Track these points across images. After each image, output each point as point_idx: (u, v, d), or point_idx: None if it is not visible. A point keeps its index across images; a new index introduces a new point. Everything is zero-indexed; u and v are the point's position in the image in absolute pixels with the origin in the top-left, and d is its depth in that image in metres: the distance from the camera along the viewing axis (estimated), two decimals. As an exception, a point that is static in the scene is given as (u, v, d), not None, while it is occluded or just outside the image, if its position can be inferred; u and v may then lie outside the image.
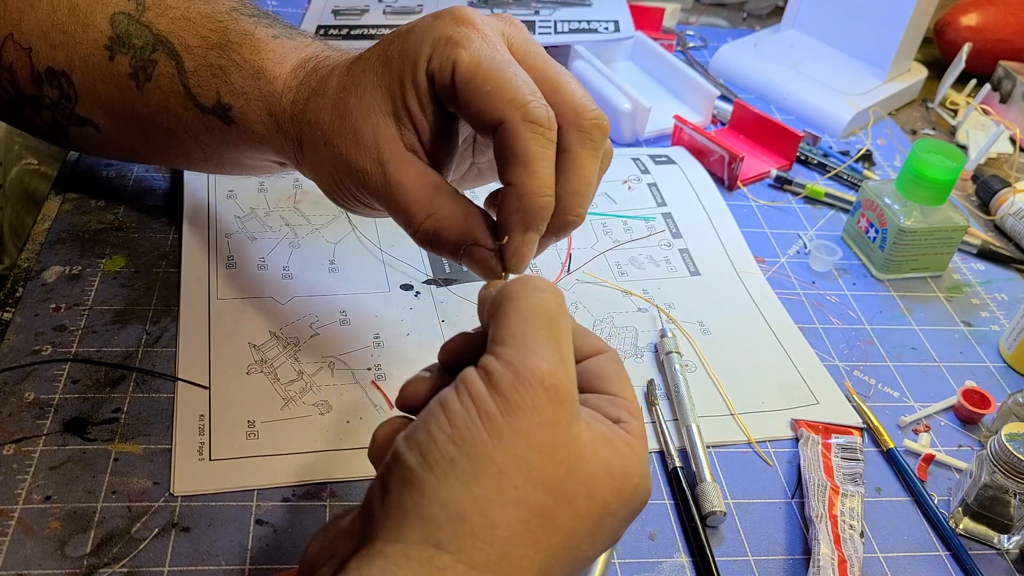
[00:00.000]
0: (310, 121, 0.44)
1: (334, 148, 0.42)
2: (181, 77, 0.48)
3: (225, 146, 0.50)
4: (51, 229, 0.59)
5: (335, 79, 0.43)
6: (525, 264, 0.40)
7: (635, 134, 0.77)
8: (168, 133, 0.51)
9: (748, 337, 0.60)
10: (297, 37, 0.49)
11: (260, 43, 0.47)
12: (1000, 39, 0.92)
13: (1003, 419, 0.55)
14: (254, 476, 0.46)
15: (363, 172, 0.41)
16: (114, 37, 0.50)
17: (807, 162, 0.80)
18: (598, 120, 0.40)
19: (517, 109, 0.37)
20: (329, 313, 0.56)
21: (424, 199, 0.40)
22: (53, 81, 0.51)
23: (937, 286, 0.69)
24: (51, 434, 0.47)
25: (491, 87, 0.38)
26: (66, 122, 0.54)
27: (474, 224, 0.40)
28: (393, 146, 0.41)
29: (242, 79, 0.47)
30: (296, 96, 0.45)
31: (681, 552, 0.47)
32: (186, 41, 0.48)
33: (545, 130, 0.38)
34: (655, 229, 0.68)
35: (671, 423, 0.53)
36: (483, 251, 0.40)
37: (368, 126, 0.41)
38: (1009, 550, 0.50)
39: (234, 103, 0.47)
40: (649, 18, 0.92)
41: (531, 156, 0.37)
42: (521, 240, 0.39)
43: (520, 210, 0.38)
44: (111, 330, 0.53)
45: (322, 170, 0.44)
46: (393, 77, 0.41)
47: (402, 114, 0.41)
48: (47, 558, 0.42)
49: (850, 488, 0.50)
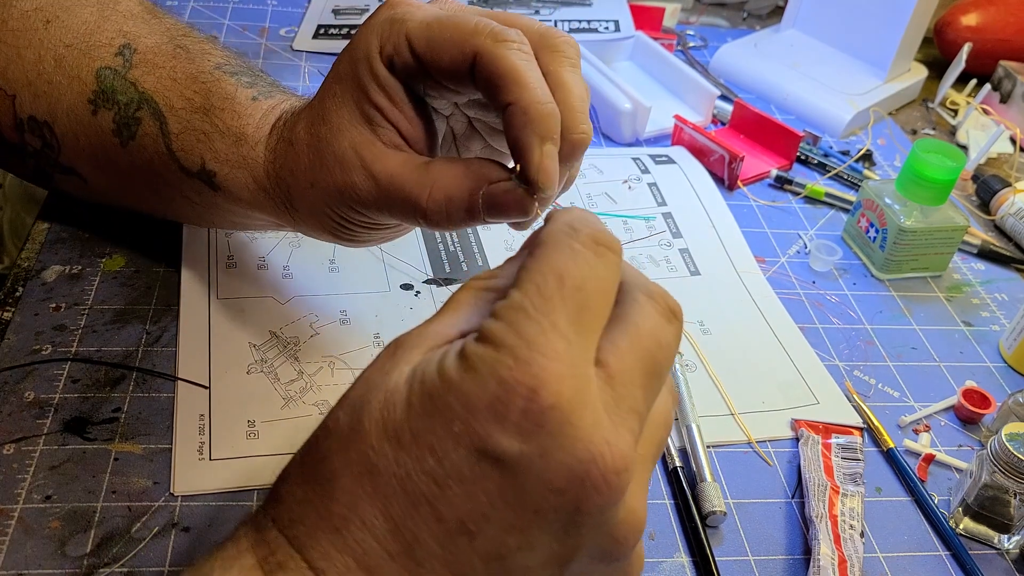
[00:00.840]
0: (291, 170, 0.44)
1: (321, 183, 0.42)
2: (164, 139, 0.48)
3: (215, 208, 0.50)
4: (51, 229, 0.59)
5: (302, 121, 0.43)
6: (554, 181, 0.37)
7: (635, 134, 0.77)
8: (154, 190, 0.51)
9: (748, 337, 0.60)
10: (276, 94, 0.48)
11: (240, 107, 0.47)
12: (1000, 39, 0.92)
13: (1003, 419, 0.55)
14: (254, 476, 0.46)
15: (353, 188, 0.41)
16: (98, 91, 0.49)
17: (807, 162, 0.80)
18: (565, 38, 0.39)
19: (485, 36, 0.37)
20: (329, 313, 0.56)
21: (419, 178, 0.40)
22: (35, 130, 0.51)
23: (937, 286, 0.69)
24: (51, 434, 0.47)
25: (450, 32, 0.38)
26: (50, 170, 0.53)
27: (479, 168, 0.39)
28: (374, 148, 0.40)
29: (225, 146, 0.46)
30: (275, 156, 0.45)
31: (681, 552, 0.47)
32: (171, 102, 0.48)
33: (521, 44, 0.37)
34: (655, 229, 0.68)
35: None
36: (503, 185, 0.38)
37: (344, 143, 0.41)
38: (1009, 550, 0.50)
39: (219, 170, 0.47)
40: (649, 18, 0.92)
41: (519, 68, 0.36)
42: (541, 153, 0.36)
43: (529, 122, 0.36)
44: (111, 330, 0.53)
45: (318, 213, 0.44)
46: (352, 86, 0.40)
47: (372, 114, 0.40)
48: (47, 558, 0.42)
49: (850, 488, 0.50)
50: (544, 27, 0.39)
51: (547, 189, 0.37)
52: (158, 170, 0.49)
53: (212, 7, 0.88)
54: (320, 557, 0.29)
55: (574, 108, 0.38)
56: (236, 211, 0.49)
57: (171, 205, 0.53)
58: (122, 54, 0.49)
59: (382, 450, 0.28)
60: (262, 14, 0.89)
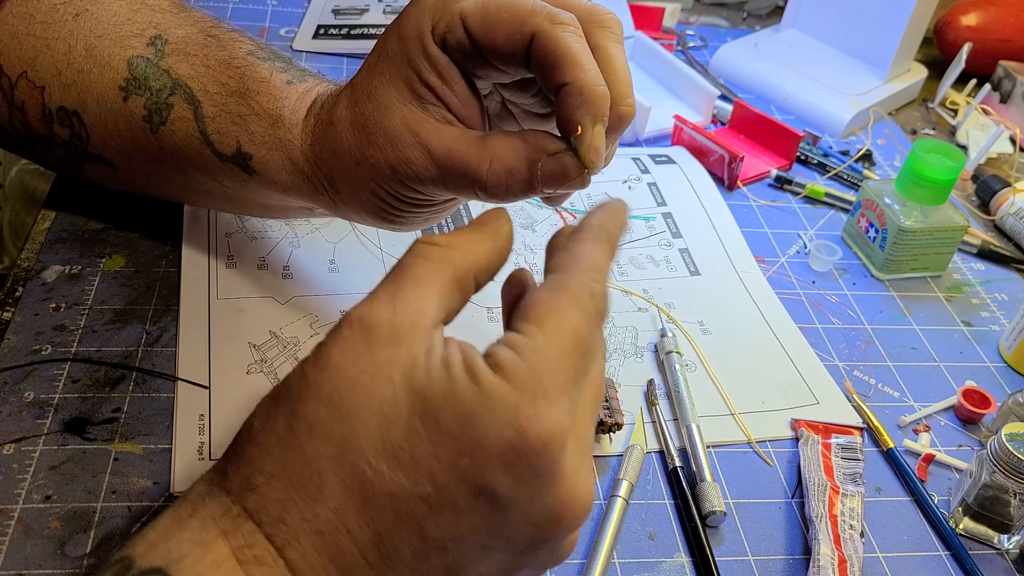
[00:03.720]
0: (333, 151, 0.44)
1: (369, 160, 0.42)
2: (198, 123, 0.48)
3: (247, 193, 0.50)
4: (51, 229, 0.59)
5: (343, 102, 0.44)
6: (601, 158, 0.39)
7: (635, 134, 0.77)
8: (184, 174, 0.51)
9: (748, 337, 0.60)
10: (308, 79, 0.49)
11: (276, 90, 0.47)
12: (1000, 39, 0.92)
13: (1003, 419, 0.55)
14: (254, 476, 0.46)
15: (408, 163, 0.41)
16: (130, 79, 0.49)
17: (807, 162, 0.80)
18: (612, 15, 0.41)
19: (543, 18, 0.38)
20: (329, 313, 0.56)
21: (478, 151, 0.40)
22: (64, 120, 0.51)
23: (937, 286, 0.69)
24: (51, 434, 0.47)
25: (507, 12, 0.38)
26: (79, 159, 0.54)
27: (536, 140, 0.40)
28: (428, 125, 0.41)
29: (262, 129, 0.47)
30: (313, 139, 0.45)
31: (681, 552, 0.47)
32: (205, 86, 0.48)
33: (575, 27, 0.39)
34: (655, 229, 0.68)
35: (671, 423, 0.53)
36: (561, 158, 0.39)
37: (395, 121, 0.41)
38: (1009, 550, 0.50)
39: (255, 153, 0.47)
40: (649, 18, 0.92)
41: (576, 51, 0.38)
42: (592, 132, 0.38)
43: (584, 103, 0.37)
44: (111, 330, 0.53)
45: (364, 192, 0.44)
46: (402, 64, 0.41)
47: (424, 93, 0.41)
48: (47, 558, 0.42)
49: (850, 488, 0.50)
50: (591, 4, 0.41)
51: (596, 165, 0.39)
52: (190, 155, 0.49)
53: (212, 7, 0.88)
54: (299, 557, 0.30)
55: (622, 82, 0.39)
56: (269, 195, 0.50)
57: (200, 191, 0.53)
58: (154, 44, 0.49)
59: (378, 467, 0.29)
60: (262, 14, 0.89)
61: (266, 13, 0.89)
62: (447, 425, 0.29)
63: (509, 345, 0.30)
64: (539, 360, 0.30)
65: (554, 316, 0.31)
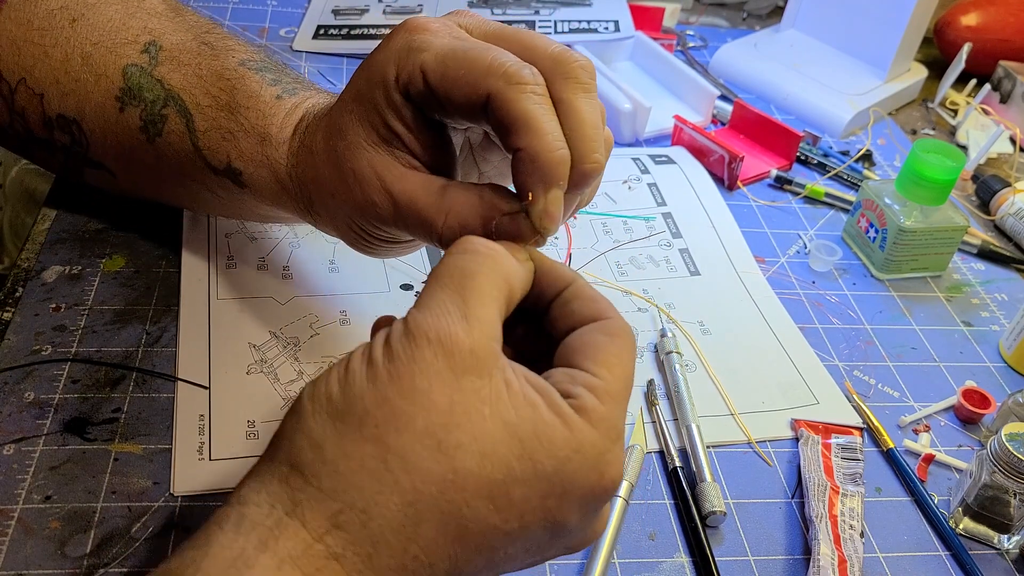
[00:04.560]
0: (313, 178, 0.44)
1: (341, 197, 0.42)
2: (191, 136, 0.48)
3: (242, 203, 0.50)
4: (51, 229, 0.59)
5: (321, 131, 0.43)
6: (557, 224, 0.38)
7: (635, 134, 0.77)
8: (182, 184, 0.51)
9: (748, 337, 0.60)
10: (299, 91, 0.48)
11: (265, 106, 0.47)
12: (1000, 39, 0.92)
13: (1003, 419, 0.55)
14: (254, 476, 0.46)
15: (373, 206, 0.41)
16: (125, 89, 0.49)
17: (807, 162, 0.80)
18: (580, 63, 0.38)
19: (498, 77, 0.36)
20: (329, 313, 0.56)
21: (436, 202, 0.40)
22: (64, 127, 0.51)
23: (937, 286, 0.69)
24: (51, 434, 0.47)
25: (464, 70, 0.37)
26: (80, 165, 0.54)
27: (493, 198, 0.39)
28: (393, 171, 0.40)
29: (250, 146, 0.47)
30: (296, 161, 0.45)
31: (681, 552, 0.47)
32: (196, 99, 0.48)
33: (534, 86, 0.36)
34: (655, 229, 0.68)
35: (671, 423, 0.53)
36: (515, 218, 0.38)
37: (363, 163, 0.41)
38: (1009, 550, 0.50)
39: (244, 169, 0.47)
40: (649, 18, 0.92)
41: (530, 114, 0.36)
42: (545, 200, 0.37)
43: (536, 170, 0.36)
44: (111, 330, 0.53)
45: (338, 221, 0.44)
46: (368, 108, 0.40)
47: (390, 138, 0.40)
48: (47, 558, 0.42)
49: (850, 488, 0.50)
50: (559, 51, 0.39)
51: (549, 231, 0.38)
52: (185, 166, 0.49)
53: (212, 7, 0.88)
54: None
55: (586, 137, 0.37)
56: (261, 207, 0.50)
57: (199, 199, 0.53)
58: (148, 51, 0.49)
59: (476, 507, 0.30)
60: (262, 14, 0.89)
61: (266, 13, 0.89)
62: (544, 469, 0.31)
63: (588, 388, 0.32)
64: (613, 404, 0.33)
65: (619, 362, 0.34)
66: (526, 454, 0.30)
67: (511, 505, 0.30)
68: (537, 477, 0.31)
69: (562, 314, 0.36)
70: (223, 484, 0.46)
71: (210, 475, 0.46)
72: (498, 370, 0.31)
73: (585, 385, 0.33)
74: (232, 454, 0.47)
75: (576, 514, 0.32)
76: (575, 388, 0.32)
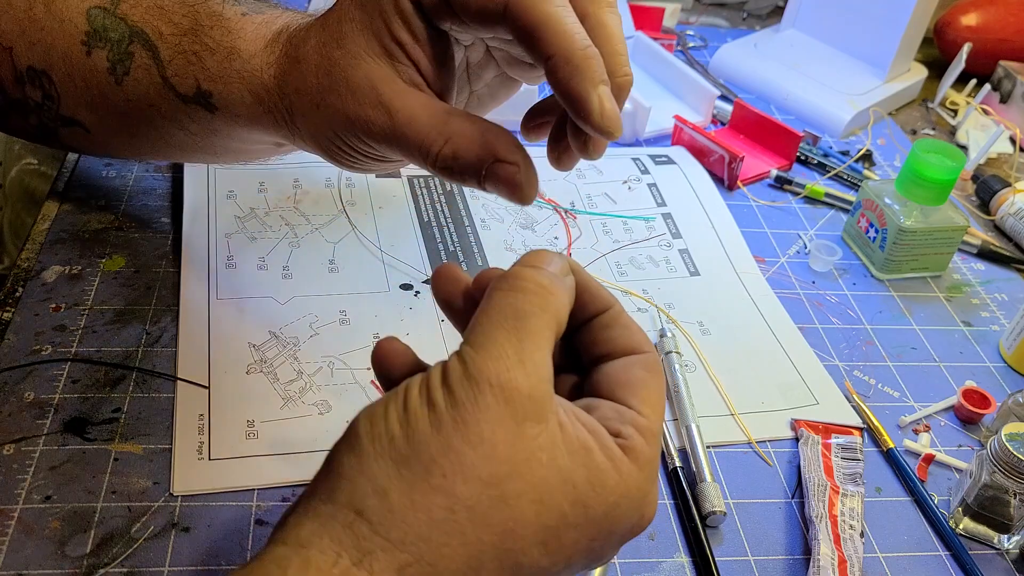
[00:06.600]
0: (296, 89, 0.42)
1: (329, 107, 0.41)
2: (158, 68, 0.47)
3: (214, 134, 0.49)
4: (51, 229, 0.59)
5: (312, 40, 0.42)
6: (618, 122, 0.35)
7: (635, 134, 0.77)
8: (154, 126, 0.50)
9: (748, 337, 0.60)
10: (267, 11, 0.47)
11: (229, 23, 0.46)
12: (1000, 39, 0.92)
13: (1003, 419, 0.55)
14: (254, 476, 0.46)
15: (366, 120, 0.40)
16: (90, 32, 0.49)
17: (807, 162, 0.80)
18: None
19: None
20: (329, 313, 0.56)
21: (438, 125, 0.38)
22: (35, 81, 0.51)
23: (937, 286, 0.69)
24: (51, 434, 0.47)
25: None
26: (53, 124, 0.53)
27: (495, 140, 0.38)
28: (393, 85, 0.39)
29: (217, 63, 0.45)
30: (277, 70, 0.44)
31: (681, 552, 0.47)
32: (159, 29, 0.47)
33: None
34: (655, 230, 0.68)
35: (671, 423, 0.53)
36: (508, 167, 0.37)
37: (359, 73, 0.39)
38: (1009, 550, 0.50)
39: (213, 89, 0.46)
40: (649, 18, 0.92)
41: (553, 16, 0.35)
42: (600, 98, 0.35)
43: (576, 70, 0.34)
44: (111, 330, 0.53)
45: (321, 135, 0.42)
46: (374, 15, 0.39)
47: (393, 49, 0.39)
48: (47, 558, 0.42)
49: (850, 488, 0.50)
50: None
51: (616, 133, 0.36)
52: (156, 103, 0.48)
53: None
54: None
55: (616, 51, 0.36)
56: (234, 133, 0.48)
57: (172, 143, 0.52)
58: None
59: (530, 553, 0.31)
60: (262, 14, 0.89)
61: (266, 13, 0.89)
62: (594, 514, 0.32)
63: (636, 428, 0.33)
64: (655, 444, 0.34)
65: (660, 400, 0.35)
66: (580, 500, 0.31)
67: (561, 549, 0.31)
68: (588, 521, 0.31)
69: (599, 339, 0.36)
70: (223, 484, 0.46)
71: (210, 475, 0.46)
72: (552, 413, 0.31)
73: (633, 424, 0.33)
74: (232, 454, 0.47)
75: (614, 549, 0.34)
76: (624, 428, 0.33)
